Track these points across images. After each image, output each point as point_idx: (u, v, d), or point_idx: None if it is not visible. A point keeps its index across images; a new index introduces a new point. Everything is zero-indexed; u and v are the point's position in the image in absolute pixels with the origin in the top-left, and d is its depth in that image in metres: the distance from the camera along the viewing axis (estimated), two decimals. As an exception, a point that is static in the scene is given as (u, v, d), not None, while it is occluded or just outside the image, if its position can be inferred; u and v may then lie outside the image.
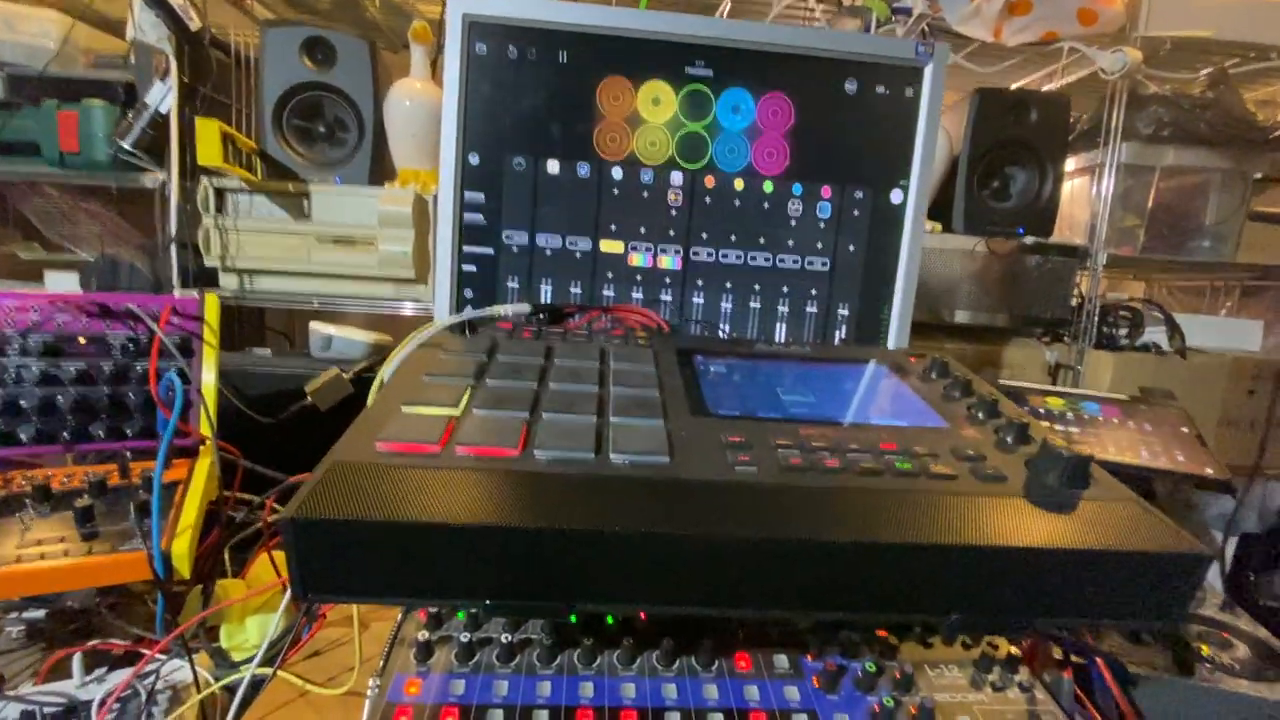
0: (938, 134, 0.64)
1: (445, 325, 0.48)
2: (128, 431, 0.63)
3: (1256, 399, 1.19)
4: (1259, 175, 1.23)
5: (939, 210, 1.21)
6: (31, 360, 0.61)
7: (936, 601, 0.31)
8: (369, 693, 0.43)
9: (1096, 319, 1.19)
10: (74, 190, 1.10)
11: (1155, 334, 1.27)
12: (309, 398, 0.91)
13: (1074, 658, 0.53)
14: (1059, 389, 0.90)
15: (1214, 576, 0.91)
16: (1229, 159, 1.21)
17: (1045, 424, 0.83)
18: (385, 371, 0.45)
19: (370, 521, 0.27)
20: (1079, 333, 1.19)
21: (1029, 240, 1.16)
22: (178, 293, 1.04)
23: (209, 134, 0.90)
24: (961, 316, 1.23)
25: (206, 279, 1.09)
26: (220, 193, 1.05)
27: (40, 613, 0.68)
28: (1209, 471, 0.74)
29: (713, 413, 0.40)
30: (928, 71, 0.63)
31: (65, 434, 0.61)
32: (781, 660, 0.47)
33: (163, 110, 1.01)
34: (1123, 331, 1.22)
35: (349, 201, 1.07)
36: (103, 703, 0.49)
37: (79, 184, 1.08)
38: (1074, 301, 1.23)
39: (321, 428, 0.93)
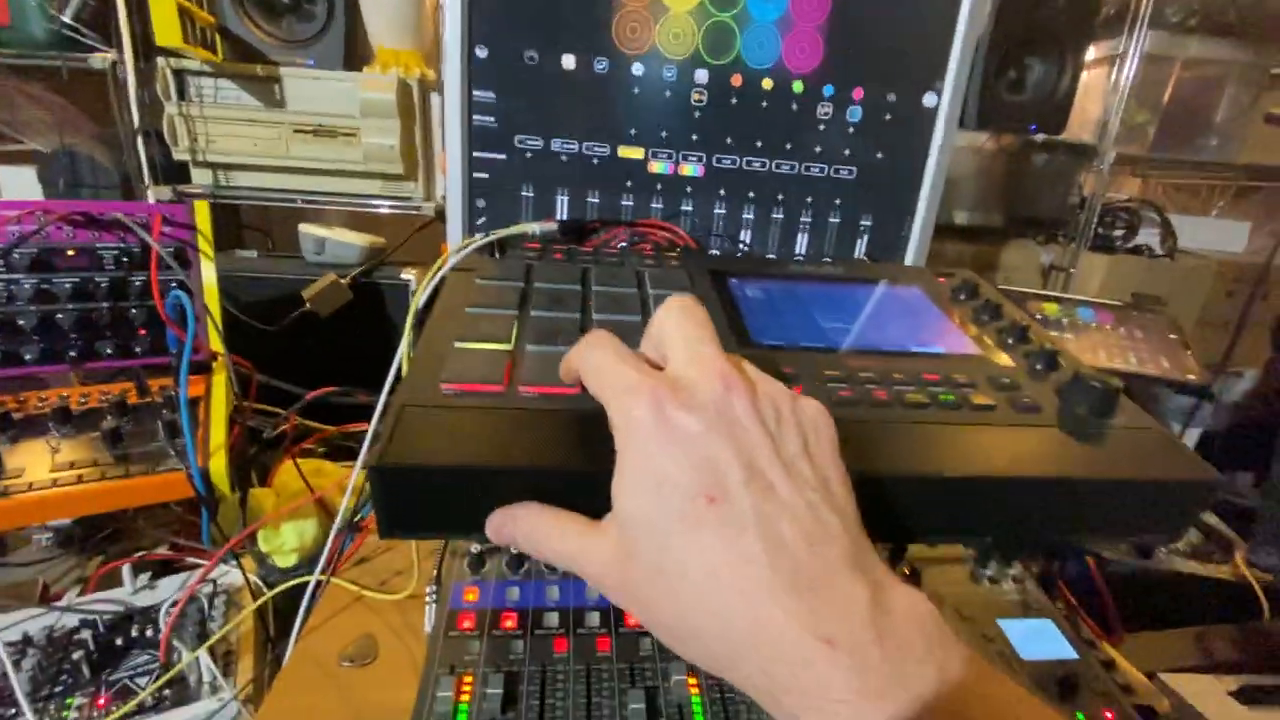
0: (978, 31, 0.60)
1: (475, 246, 0.46)
2: (136, 349, 0.62)
3: (1234, 300, 1.23)
4: (1276, 70, 1.19)
5: (951, 103, 1.16)
6: (21, 276, 0.58)
7: (976, 527, 0.33)
8: (428, 599, 0.46)
9: (1095, 220, 1.19)
10: (12, 71, 0.98)
11: (1148, 235, 1.29)
12: (308, 305, 0.89)
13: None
14: (1056, 294, 0.93)
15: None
16: (1250, 52, 1.16)
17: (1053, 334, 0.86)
18: (419, 298, 0.44)
19: (450, 467, 0.28)
20: (1077, 234, 1.20)
21: (1040, 138, 1.13)
22: (150, 192, 0.97)
23: (165, 9, 0.80)
24: (960, 217, 1.22)
25: (177, 174, 1.02)
26: (180, 75, 0.95)
27: (66, 520, 0.70)
28: (1190, 378, 0.78)
29: (759, 343, 0.40)
30: (976, -44, 0.58)
31: (71, 352, 0.59)
32: (804, 561, 0.51)
33: (101, -25, 0.89)
34: (1119, 233, 1.23)
35: (326, 87, 0.98)
36: (169, 611, 0.52)
37: (16, 64, 0.96)
38: (1074, 201, 1.22)
39: (321, 334, 0.91)
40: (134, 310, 0.62)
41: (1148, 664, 0.57)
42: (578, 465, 0.29)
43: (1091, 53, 1.23)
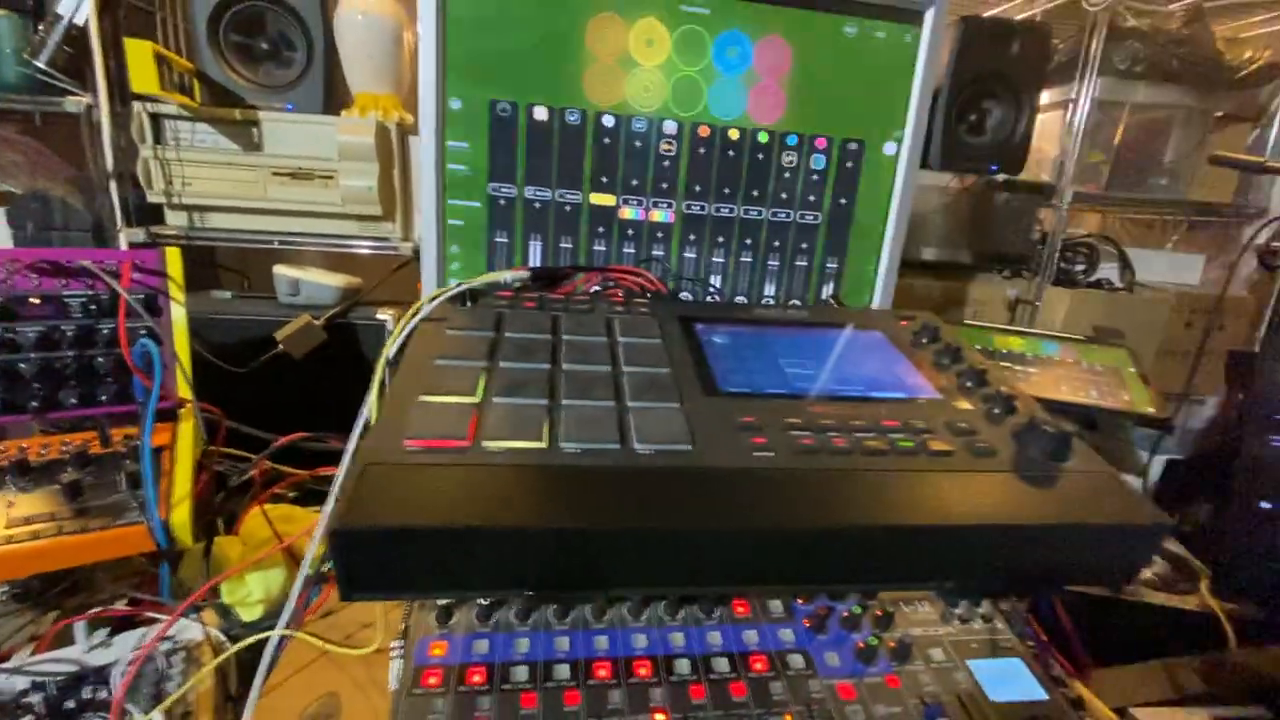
0: (933, 84, 0.63)
1: (447, 296, 0.47)
2: (101, 397, 0.61)
3: (1192, 330, 1.27)
4: (1219, 114, 1.26)
5: (915, 145, 1.20)
6: (-17, 325, 0.57)
7: (935, 573, 0.34)
8: (393, 654, 0.45)
9: (1057, 255, 1.23)
10: (-17, 113, 0.98)
11: (1108, 269, 1.33)
12: (280, 346, 0.89)
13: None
14: (1021, 329, 0.95)
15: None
16: (1194, 97, 1.23)
17: (1008, 367, 0.88)
18: (389, 349, 0.44)
19: (412, 528, 0.28)
20: (1039, 269, 1.24)
21: (1000, 178, 1.18)
22: (123, 235, 0.97)
23: (141, 57, 0.81)
24: (929, 254, 1.25)
25: (151, 216, 1.02)
26: (156, 119, 0.96)
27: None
28: (1150, 411, 0.81)
29: (723, 391, 0.41)
30: (929, 15, 0.61)
31: (33, 402, 0.58)
32: (776, 605, 0.51)
33: (78, 22, 0.89)
34: (1079, 267, 1.27)
35: (304, 131, 0.99)
36: (123, 672, 0.51)
37: (-12, 106, 0.96)
38: (1036, 237, 1.27)
39: (295, 376, 0.90)
40: (100, 358, 0.61)
41: (1118, 699, 0.58)
42: (543, 523, 0.29)
43: (1047, 97, 1.29)
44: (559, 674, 0.43)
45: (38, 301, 0.60)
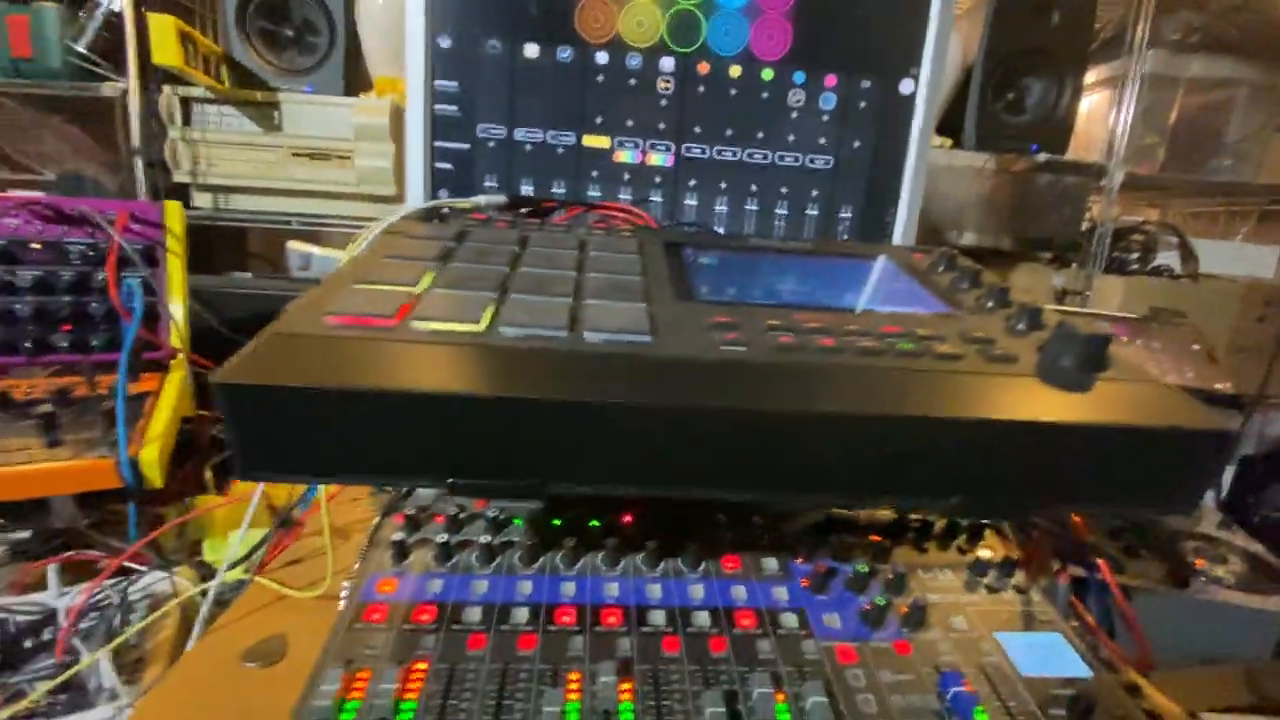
0: (953, 15, 0.58)
1: (413, 212, 0.44)
2: (93, 343, 0.60)
3: (1266, 325, 1.16)
4: (1289, 87, 1.16)
5: (949, 125, 1.14)
6: (-19, 266, 0.58)
7: (937, 483, 0.28)
8: (342, 592, 0.41)
9: (1109, 242, 1.14)
10: (33, 102, 1.03)
11: (1168, 258, 1.23)
12: (289, 318, 0.88)
13: (1071, 568, 0.51)
14: (1067, 309, 0.87)
15: (1209, 497, 0.90)
16: (1258, 70, 1.13)
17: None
18: (352, 252, 0.41)
19: (316, 389, 0.25)
20: (1089, 257, 1.15)
21: (1042, 158, 1.10)
22: (146, 209, 0.99)
23: (164, 31, 0.83)
24: (968, 239, 1.18)
25: (178, 197, 1.04)
26: (186, 102, 0.99)
27: (26, 533, 0.67)
28: (1219, 387, 0.72)
29: (701, 299, 0.37)
30: (946, -58, 0.57)
31: (26, 344, 0.58)
32: (770, 563, 0.45)
33: (115, 8, 0.93)
34: (1134, 255, 1.17)
35: (321, 112, 1.01)
36: (71, 608, 0.49)
37: (37, 94, 1.01)
38: (1086, 224, 1.18)
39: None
40: (94, 305, 0.61)
41: (1187, 703, 0.49)
42: (463, 388, 0.25)
43: (1094, 75, 1.22)
44: (516, 617, 0.38)
45: (38, 247, 0.60)
